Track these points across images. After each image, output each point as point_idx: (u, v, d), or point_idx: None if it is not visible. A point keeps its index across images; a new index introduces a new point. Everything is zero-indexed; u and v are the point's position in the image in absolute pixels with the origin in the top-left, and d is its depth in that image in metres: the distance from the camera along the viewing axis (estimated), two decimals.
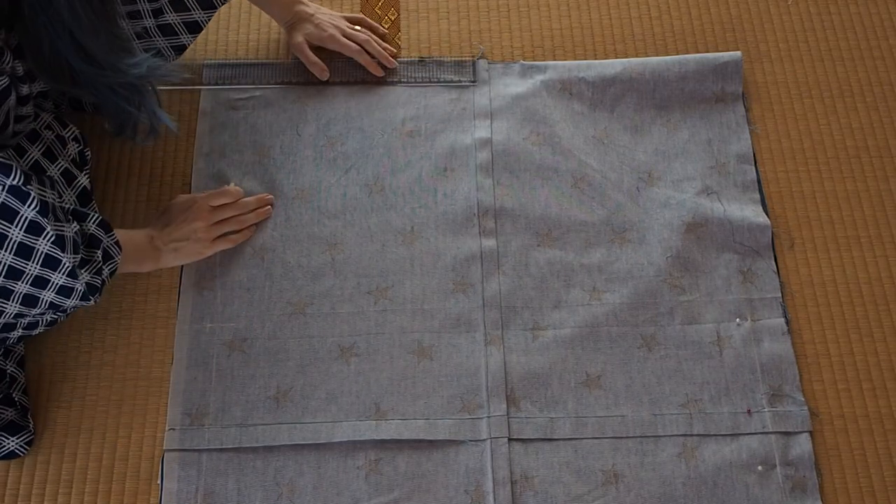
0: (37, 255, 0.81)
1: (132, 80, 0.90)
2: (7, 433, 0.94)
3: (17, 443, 0.94)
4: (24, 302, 0.84)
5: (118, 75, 0.88)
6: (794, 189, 1.13)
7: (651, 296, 1.05)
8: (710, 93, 1.18)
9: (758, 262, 1.07)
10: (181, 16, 1.04)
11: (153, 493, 0.96)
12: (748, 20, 1.24)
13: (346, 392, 1.00)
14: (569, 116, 1.16)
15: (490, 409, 0.99)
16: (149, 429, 0.98)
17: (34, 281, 0.83)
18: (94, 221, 0.89)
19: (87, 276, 0.86)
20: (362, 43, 1.17)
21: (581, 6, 1.25)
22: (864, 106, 1.18)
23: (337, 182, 1.11)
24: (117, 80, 0.89)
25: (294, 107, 1.16)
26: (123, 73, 0.88)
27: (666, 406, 1.00)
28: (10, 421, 0.94)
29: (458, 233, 1.08)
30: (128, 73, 0.88)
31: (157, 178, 1.11)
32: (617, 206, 1.10)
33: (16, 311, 0.85)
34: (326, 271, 1.06)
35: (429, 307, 1.04)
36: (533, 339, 1.03)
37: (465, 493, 0.95)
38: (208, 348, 1.02)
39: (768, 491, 0.95)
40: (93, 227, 0.89)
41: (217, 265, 1.06)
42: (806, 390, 1.01)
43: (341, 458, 0.97)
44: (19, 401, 0.96)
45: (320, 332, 1.03)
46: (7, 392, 0.95)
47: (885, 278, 1.08)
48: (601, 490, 0.96)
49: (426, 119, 1.16)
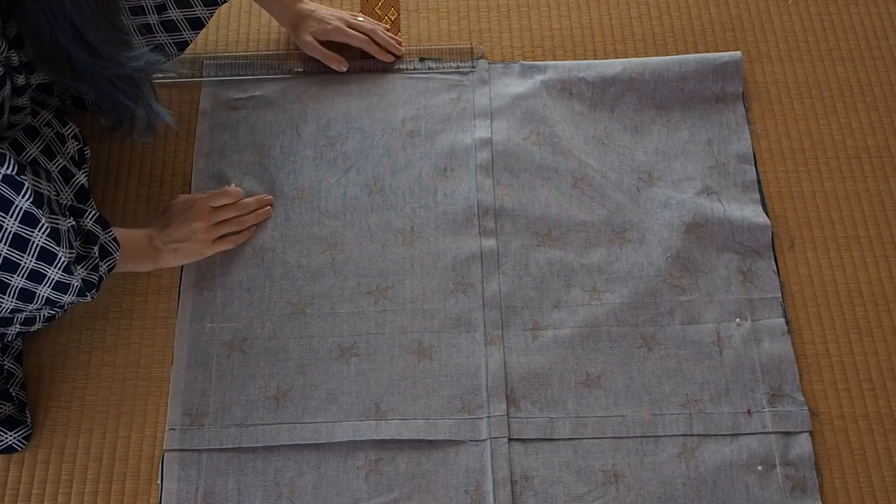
0: (32, 248, 0.81)
1: (130, 72, 0.90)
2: (5, 428, 0.94)
3: (15, 437, 0.95)
4: (21, 297, 0.84)
5: (117, 67, 0.88)
6: (794, 189, 1.13)
7: (651, 296, 1.05)
8: (710, 93, 1.18)
9: (758, 262, 1.07)
10: (184, 12, 1.05)
11: (153, 493, 0.96)
12: (748, 20, 1.24)
13: (346, 392, 1.00)
14: (569, 116, 1.16)
15: (490, 409, 0.99)
16: (149, 429, 0.98)
17: (30, 275, 0.83)
18: (91, 218, 0.89)
19: (83, 272, 0.86)
20: (368, 32, 1.17)
21: (581, 6, 1.25)
22: (864, 106, 1.18)
23: (337, 182, 1.11)
24: (116, 72, 0.89)
25: (294, 107, 1.16)
26: (122, 65, 0.88)
27: (666, 406, 1.00)
28: (8, 416, 0.95)
29: (458, 233, 1.08)
30: (126, 65, 0.88)
31: (157, 178, 1.11)
32: (617, 206, 1.10)
33: (12, 305, 0.85)
34: (326, 271, 1.06)
35: (429, 307, 1.04)
36: (533, 339, 1.03)
37: (465, 493, 0.95)
38: (208, 348, 1.02)
39: (768, 491, 0.95)
40: (90, 223, 0.88)
41: (217, 265, 1.06)
42: (806, 390, 1.01)
43: (341, 458, 0.97)
44: (17, 396, 0.96)
45: (320, 332, 1.03)
46: (4, 387, 0.95)
47: (885, 278, 1.08)
48: (601, 490, 0.96)
49: (426, 119, 1.16)
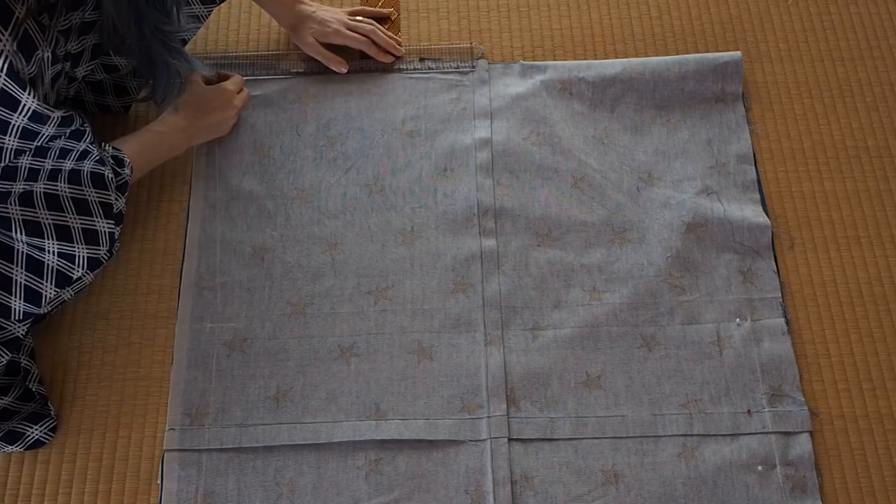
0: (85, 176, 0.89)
1: (178, 31, 0.96)
2: (30, 422, 0.95)
3: (40, 431, 0.96)
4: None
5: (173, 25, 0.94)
6: (794, 189, 1.13)
7: (651, 296, 1.05)
8: (710, 93, 1.18)
9: (758, 262, 1.07)
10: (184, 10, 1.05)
11: (153, 493, 0.96)
12: (748, 20, 1.24)
13: (346, 392, 1.00)
14: (569, 116, 1.16)
15: (490, 409, 0.99)
16: (149, 429, 0.99)
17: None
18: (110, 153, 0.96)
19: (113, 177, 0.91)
20: (368, 34, 1.17)
21: (581, 6, 1.25)
22: (864, 106, 1.18)
23: (337, 182, 1.11)
24: (172, 29, 0.94)
25: (294, 107, 1.16)
26: (177, 23, 0.94)
27: (666, 406, 1.00)
28: (32, 412, 0.96)
29: (458, 233, 1.08)
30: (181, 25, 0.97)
31: (157, 178, 1.11)
32: (617, 206, 1.10)
33: None
34: (326, 271, 1.06)
35: (429, 307, 1.04)
36: (533, 339, 1.03)
37: (465, 493, 0.95)
38: (208, 348, 1.02)
39: (768, 491, 0.95)
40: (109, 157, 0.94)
41: (217, 265, 1.06)
42: (806, 390, 1.01)
43: (341, 458, 0.97)
44: (37, 391, 0.97)
45: (320, 332, 1.03)
46: (24, 385, 0.96)
47: (885, 278, 1.08)
48: (601, 490, 0.96)
49: (426, 119, 1.16)
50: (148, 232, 1.09)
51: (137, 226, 1.08)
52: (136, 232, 1.08)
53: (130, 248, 1.07)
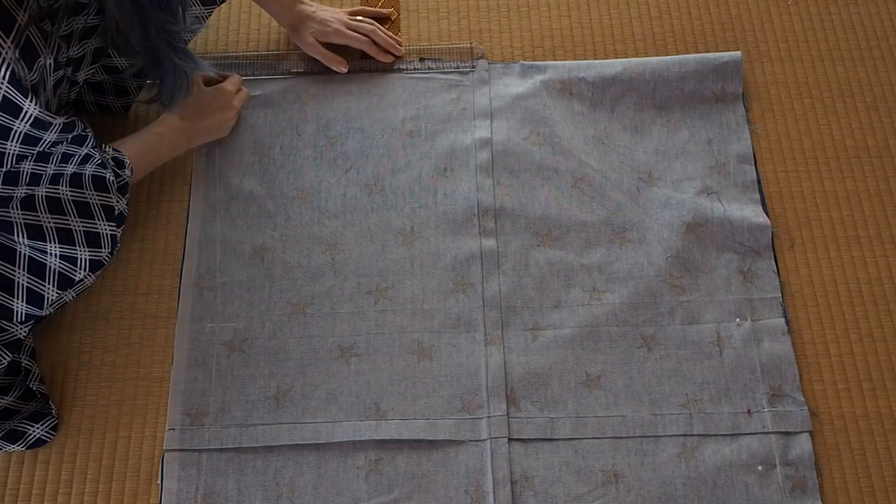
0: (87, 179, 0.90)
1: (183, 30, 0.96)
2: (31, 421, 0.95)
3: (42, 429, 0.96)
4: None
5: (179, 24, 0.94)
6: (794, 189, 1.13)
7: (651, 296, 1.05)
8: (710, 93, 1.18)
9: (758, 262, 1.07)
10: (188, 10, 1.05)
11: (153, 493, 0.96)
12: (748, 20, 1.24)
13: (346, 392, 1.00)
14: (569, 116, 1.16)
15: (490, 409, 0.99)
16: (149, 429, 0.99)
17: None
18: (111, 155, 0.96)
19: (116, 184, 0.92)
20: (368, 33, 1.17)
21: (581, 6, 1.25)
22: (864, 106, 1.18)
23: (337, 182, 1.11)
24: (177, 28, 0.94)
25: (294, 107, 1.16)
26: (182, 23, 0.94)
27: (666, 406, 1.00)
28: (33, 411, 0.96)
29: (458, 233, 1.08)
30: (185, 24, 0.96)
31: (157, 178, 1.11)
32: (617, 206, 1.10)
33: None
34: (326, 271, 1.06)
35: (429, 307, 1.04)
36: (533, 339, 1.03)
37: (465, 493, 0.95)
38: (208, 348, 1.02)
39: (768, 491, 0.95)
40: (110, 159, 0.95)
41: (217, 265, 1.06)
42: (806, 390, 1.01)
43: (341, 458, 0.97)
44: (38, 390, 0.97)
45: (320, 332, 1.03)
46: (25, 384, 0.96)
47: (885, 278, 1.08)
48: (601, 490, 0.96)
49: (426, 119, 1.16)
50: (148, 232, 1.09)
51: (137, 226, 1.08)
52: (136, 232, 1.08)
53: (130, 249, 1.07)
